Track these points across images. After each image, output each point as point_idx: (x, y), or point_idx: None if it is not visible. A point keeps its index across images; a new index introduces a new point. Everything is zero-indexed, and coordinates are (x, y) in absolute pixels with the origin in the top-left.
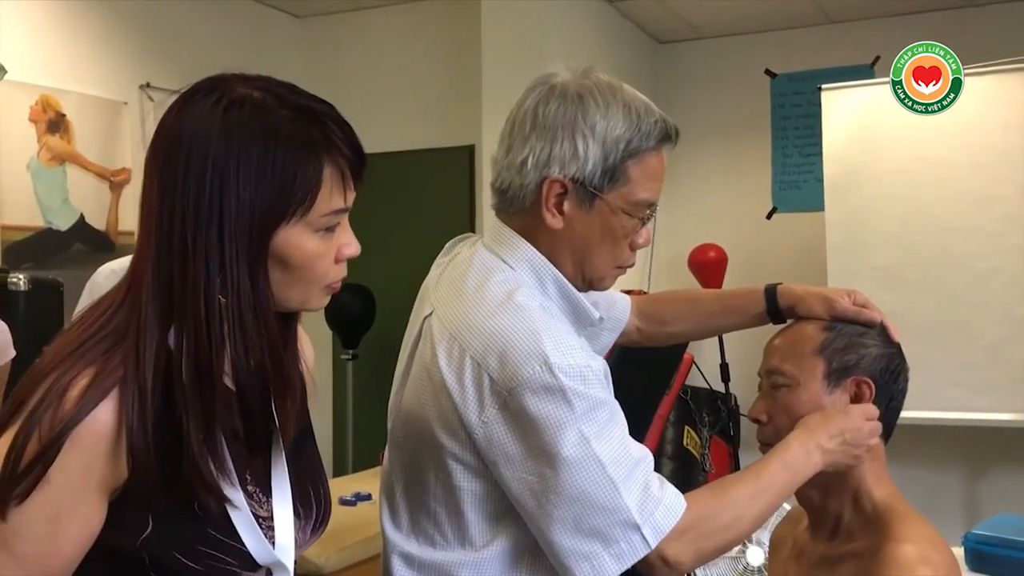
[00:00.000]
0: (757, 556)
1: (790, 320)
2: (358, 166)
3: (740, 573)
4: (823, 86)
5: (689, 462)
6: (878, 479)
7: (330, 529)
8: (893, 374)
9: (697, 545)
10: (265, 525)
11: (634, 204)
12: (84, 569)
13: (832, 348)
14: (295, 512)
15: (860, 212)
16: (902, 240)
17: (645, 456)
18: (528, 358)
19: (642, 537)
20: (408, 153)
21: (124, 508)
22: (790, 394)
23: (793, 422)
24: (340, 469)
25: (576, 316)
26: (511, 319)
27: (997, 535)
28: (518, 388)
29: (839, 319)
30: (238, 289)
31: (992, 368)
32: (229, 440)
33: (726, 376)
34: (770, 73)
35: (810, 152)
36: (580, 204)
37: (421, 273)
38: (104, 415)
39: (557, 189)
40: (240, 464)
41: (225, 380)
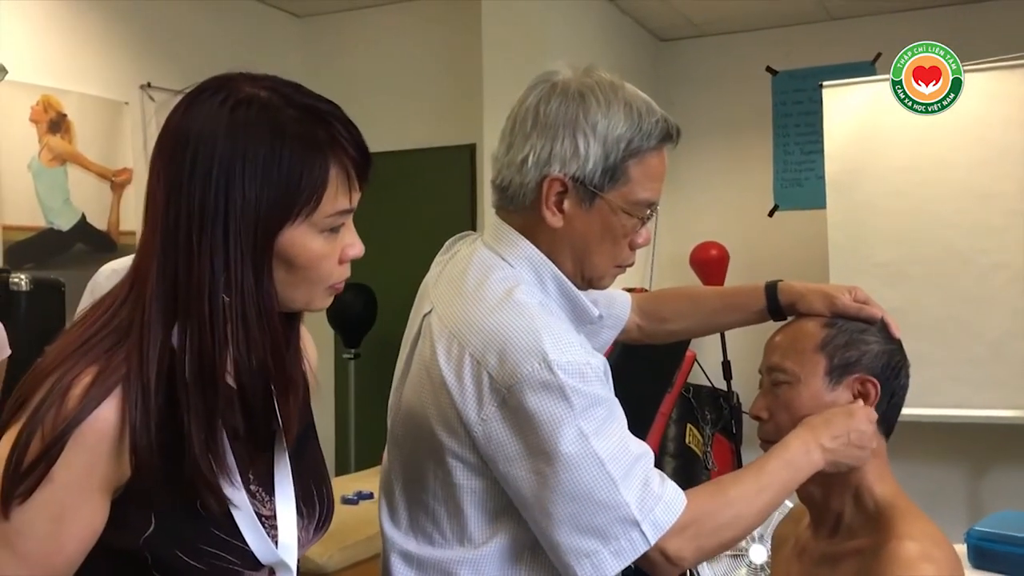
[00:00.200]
0: (760, 554)
1: (791, 317)
2: (364, 167)
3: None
4: (824, 83)
5: (691, 460)
6: (880, 476)
7: (332, 528)
8: (894, 370)
9: (698, 542)
10: (268, 524)
11: (634, 203)
12: (87, 568)
13: (833, 345)
14: (298, 511)
15: (862, 209)
16: (904, 237)
17: (645, 453)
18: (527, 355)
19: (641, 534)
20: (409, 152)
21: (127, 507)
22: (791, 391)
23: (794, 419)
24: (342, 468)
25: (575, 314)
26: (510, 316)
27: (999, 532)
28: (517, 385)
29: (840, 316)
30: (242, 288)
31: (995, 365)
32: (232, 439)
33: (728, 374)
34: (771, 70)
35: (811, 149)
36: (580, 203)
37: (422, 272)
38: (107, 413)
39: (557, 187)
40: (243, 463)
41: (227, 379)
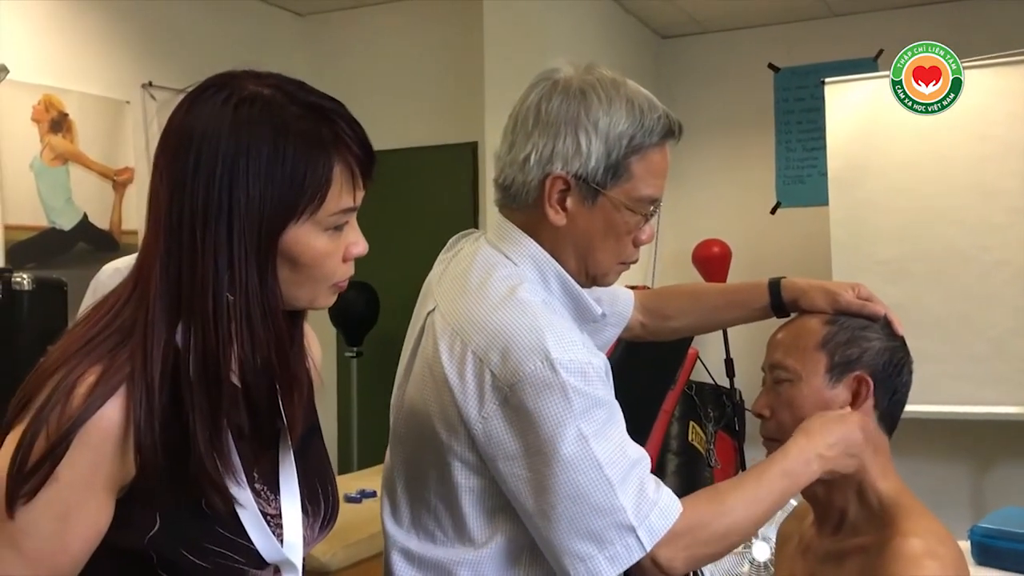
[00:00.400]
0: (763, 551)
1: (793, 314)
2: (367, 165)
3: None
4: (826, 80)
5: (694, 458)
6: (883, 473)
7: (335, 526)
8: (896, 367)
9: (690, 551)
10: (273, 523)
11: (637, 200)
12: (92, 567)
13: (834, 342)
14: (303, 509)
15: (864, 206)
16: (907, 234)
17: (642, 458)
18: (530, 353)
19: (637, 539)
20: (411, 150)
21: (131, 506)
22: (792, 389)
23: (796, 417)
24: (345, 466)
25: (579, 312)
26: (514, 314)
27: (1003, 528)
28: (519, 384)
29: (843, 313)
30: (246, 287)
31: (998, 361)
32: (236, 438)
33: (731, 371)
34: (773, 67)
35: (814, 146)
36: (583, 200)
37: (425, 270)
38: (112, 412)
39: (560, 185)
40: (248, 462)
41: (232, 377)
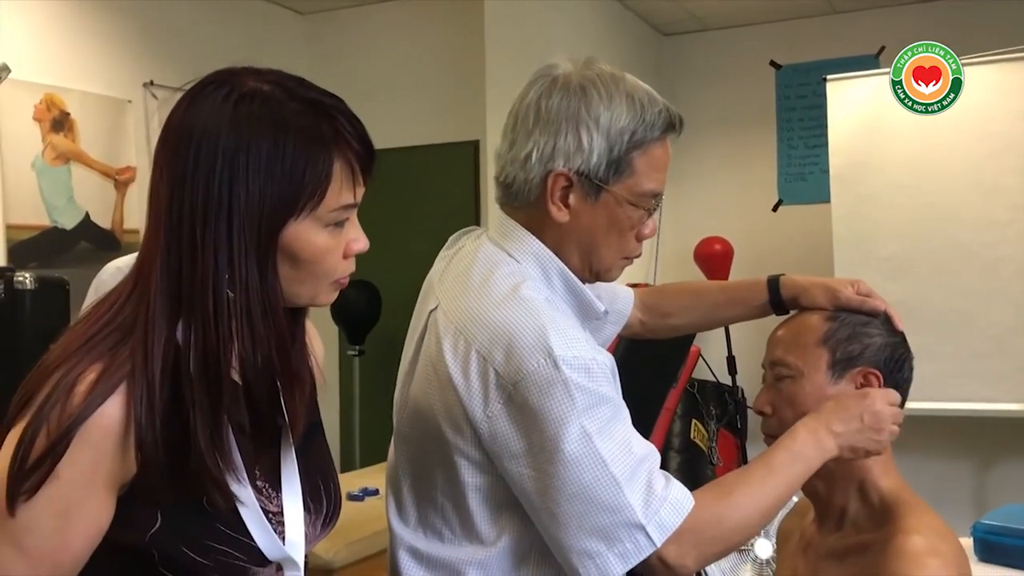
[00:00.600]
0: (765, 549)
1: (793, 311)
2: (368, 161)
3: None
4: (828, 77)
5: (696, 455)
6: (884, 470)
7: (338, 524)
8: (897, 363)
9: (700, 548)
10: (275, 520)
11: (640, 195)
12: (93, 565)
13: (836, 338)
14: (305, 507)
15: (866, 203)
16: (909, 231)
17: (649, 453)
18: (533, 351)
19: (647, 536)
20: (413, 149)
21: (133, 503)
22: (794, 385)
23: (798, 414)
24: (347, 465)
25: (581, 309)
26: (516, 312)
27: (1006, 525)
28: (522, 382)
29: (843, 309)
30: (246, 284)
31: (1000, 358)
32: (237, 435)
33: (733, 369)
34: (775, 64)
35: (816, 144)
36: (586, 197)
37: (426, 269)
38: (112, 410)
39: (562, 183)
40: (249, 459)
41: (233, 375)
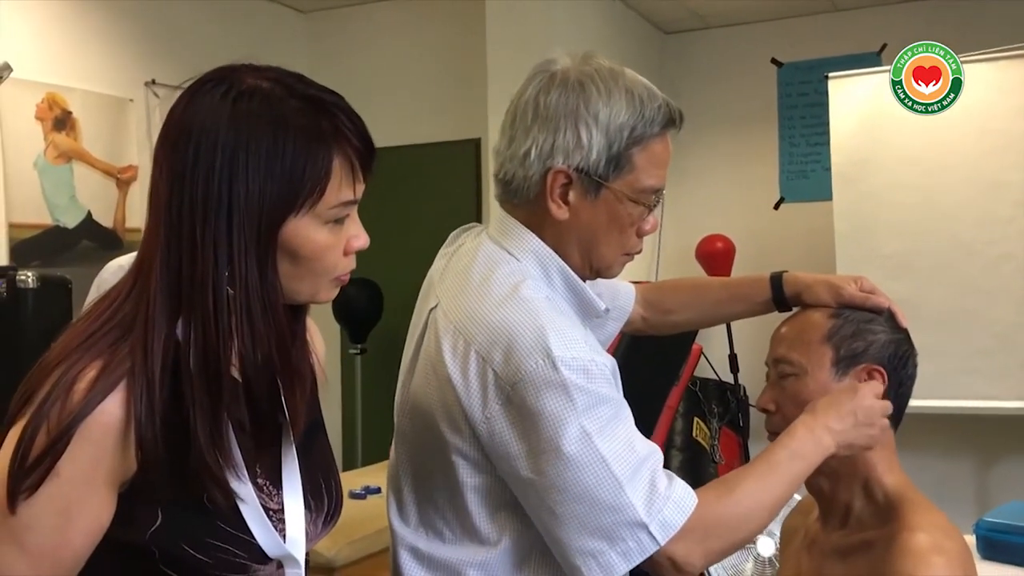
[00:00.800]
0: (768, 547)
1: (796, 308)
2: (367, 157)
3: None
4: (830, 74)
5: (699, 453)
6: (889, 467)
7: (340, 522)
8: (902, 360)
9: (706, 545)
10: (276, 518)
11: (640, 191)
12: (94, 563)
13: (840, 336)
14: (306, 504)
15: (868, 201)
16: (911, 228)
17: (652, 453)
18: (532, 352)
19: (650, 535)
20: (414, 147)
21: (133, 501)
22: (798, 383)
23: (801, 411)
24: (350, 463)
25: (582, 308)
26: (516, 312)
27: (1009, 522)
28: (521, 383)
29: (846, 306)
30: (246, 281)
31: (1003, 355)
32: (237, 432)
33: (735, 367)
34: (776, 62)
35: (817, 141)
36: (585, 194)
37: (428, 267)
38: (112, 407)
39: (562, 180)
40: (249, 456)
41: (232, 372)
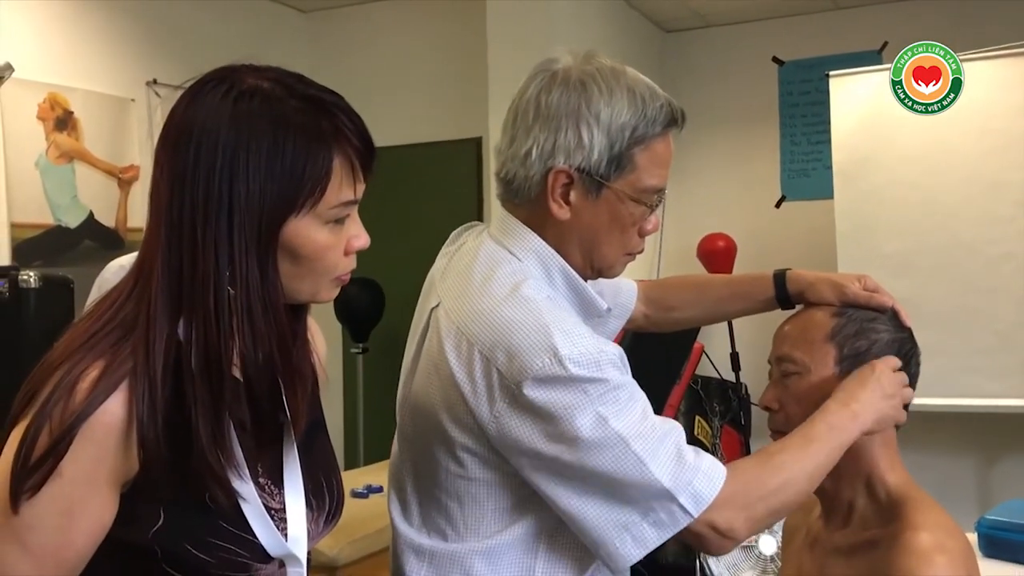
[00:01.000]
0: (769, 545)
1: (799, 306)
2: (368, 157)
3: (752, 563)
4: (831, 73)
5: None
6: (891, 465)
7: (342, 521)
8: (905, 359)
9: (748, 511)
10: (277, 517)
11: (642, 191)
12: (97, 563)
13: (843, 334)
14: (307, 503)
15: (870, 199)
16: (912, 227)
17: (673, 428)
18: (537, 351)
19: (680, 507)
20: (415, 146)
21: (135, 501)
22: (800, 381)
23: (804, 409)
24: (351, 462)
25: (583, 307)
26: (518, 312)
27: (1010, 520)
28: (527, 382)
29: (850, 304)
30: (247, 281)
31: (1005, 354)
32: (239, 432)
33: (737, 365)
34: (777, 60)
35: (819, 140)
36: (587, 194)
37: (429, 266)
38: (114, 407)
39: (563, 180)
40: (251, 456)
41: (234, 371)
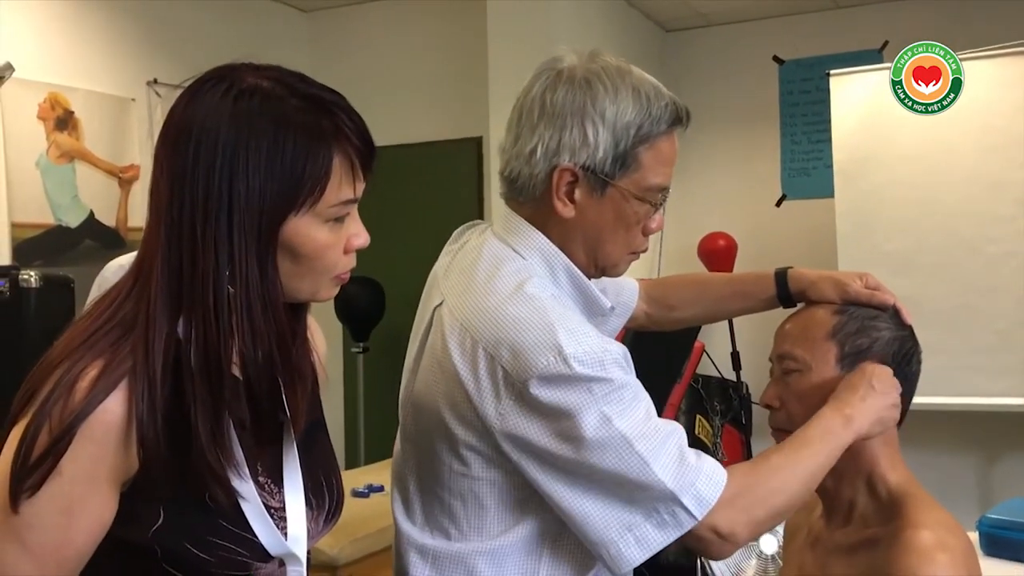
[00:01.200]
0: (771, 544)
1: (800, 304)
2: (368, 156)
3: (753, 562)
4: (831, 72)
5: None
6: (892, 464)
7: (343, 521)
8: (906, 357)
9: (749, 513)
10: (277, 516)
11: (646, 190)
12: (98, 561)
13: (844, 332)
14: (307, 502)
15: (870, 198)
16: (913, 226)
17: (675, 430)
18: (541, 349)
19: (684, 508)
20: (416, 146)
21: (135, 500)
22: (802, 379)
23: (805, 407)
24: (352, 461)
25: (587, 306)
26: (522, 310)
27: (1011, 519)
28: (532, 380)
29: (851, 302)
30: (247, 279)
31: (1005, 352)
32: (238, 430)
33: (737, 364)
34: (778, 60)
35: (819, 139)
36: (591, 192)
37: (430, 265)
38: (114, 406)
39: (568, 178)
40: (251, 455)
41: (233, 370)
